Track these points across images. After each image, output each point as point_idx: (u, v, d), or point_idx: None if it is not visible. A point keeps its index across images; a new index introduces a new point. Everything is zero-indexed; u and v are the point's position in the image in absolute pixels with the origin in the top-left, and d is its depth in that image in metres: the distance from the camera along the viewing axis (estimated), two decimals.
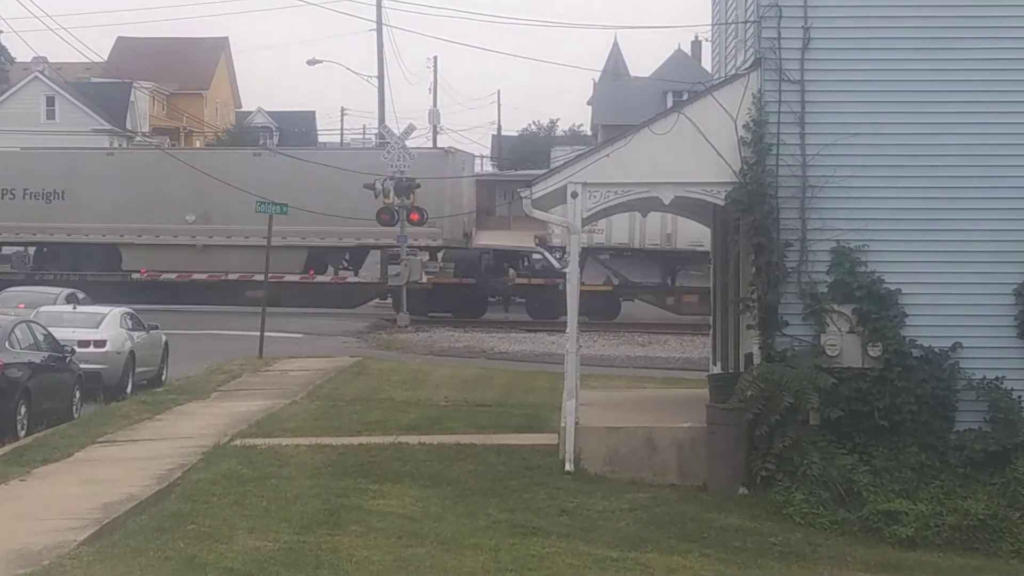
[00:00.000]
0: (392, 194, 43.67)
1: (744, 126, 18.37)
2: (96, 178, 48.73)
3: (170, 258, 48.49)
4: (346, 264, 50.58)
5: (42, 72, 78.84)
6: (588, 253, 43.26)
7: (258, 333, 34.04)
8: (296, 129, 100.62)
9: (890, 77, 18.37)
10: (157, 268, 48.25)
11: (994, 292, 18.17)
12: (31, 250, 51.32)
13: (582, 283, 20.36)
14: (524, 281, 48.73)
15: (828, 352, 18.08)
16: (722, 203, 18.83)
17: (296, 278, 47.18)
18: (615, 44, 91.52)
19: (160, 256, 48.37)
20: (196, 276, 48.16)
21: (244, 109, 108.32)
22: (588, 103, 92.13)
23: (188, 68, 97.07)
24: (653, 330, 44.37)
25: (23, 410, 21.73)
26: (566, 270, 19.87)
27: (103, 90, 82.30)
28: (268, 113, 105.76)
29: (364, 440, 19.82)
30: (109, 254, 49.06)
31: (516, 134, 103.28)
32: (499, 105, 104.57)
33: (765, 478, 17.56)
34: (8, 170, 50.13)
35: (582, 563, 13.79)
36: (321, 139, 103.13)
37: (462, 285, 48.50)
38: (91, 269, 48.40)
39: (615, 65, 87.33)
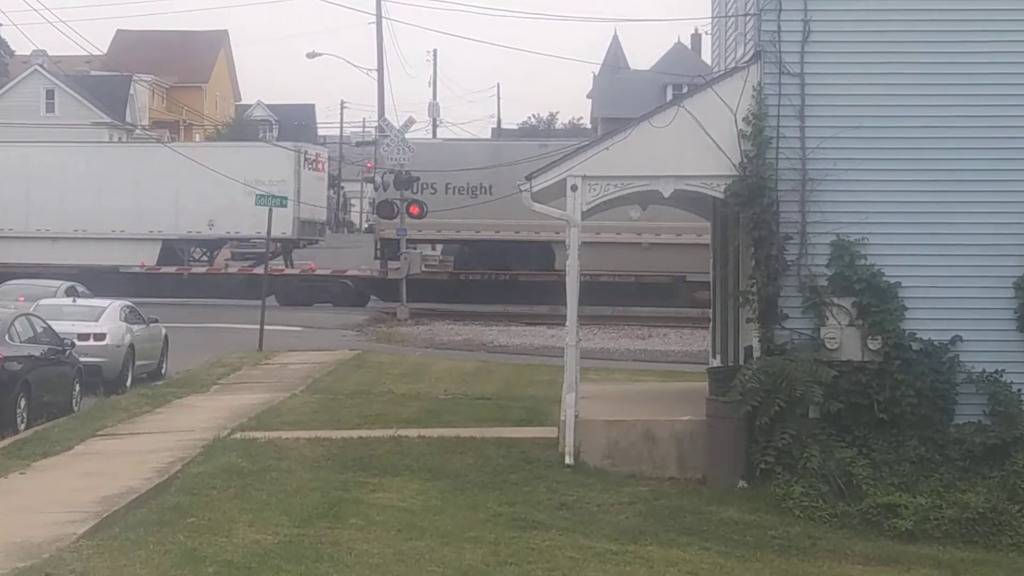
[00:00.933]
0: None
1: (744, 119, 18.34)
2: (527, 170, 45.05)
3: (611, 257, 44.80)
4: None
5: (42, 65, 78.76)
6: None
7: (257, 326, 34.05)
8: (296, 122, 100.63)
9: (890, 70, 18.34)
10: (598, 268, 44.04)
11: (994, 285, 18.14)
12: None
13: None
14: None
15: (828, 345, 18.06)
16: (722, 196, 18.82)
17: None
18: (615, 37, 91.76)
19: (600, 255, 43.35)
20: (644, 276, 45.97)
21: (244, 102, 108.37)
22: (588, 96, 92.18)
23: (188, 61, 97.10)
24: (653, 323, 44.37)
25: (23, 403, 21.73)
26: None
27: (103, 83, 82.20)
28: (268, 106, 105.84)
29: (364, 433, 19.81)
30: (541, 252, 45.56)
31: (516, 127, 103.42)
32: (499, 98, 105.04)
33: (764, 471, 17.54)
34: (427, 163, 46.30)
35: (582, 556, 13.78)
36: (320, 132, 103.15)
37: None
38: (522, 268, 45.75)
39: (615, 58, 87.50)
